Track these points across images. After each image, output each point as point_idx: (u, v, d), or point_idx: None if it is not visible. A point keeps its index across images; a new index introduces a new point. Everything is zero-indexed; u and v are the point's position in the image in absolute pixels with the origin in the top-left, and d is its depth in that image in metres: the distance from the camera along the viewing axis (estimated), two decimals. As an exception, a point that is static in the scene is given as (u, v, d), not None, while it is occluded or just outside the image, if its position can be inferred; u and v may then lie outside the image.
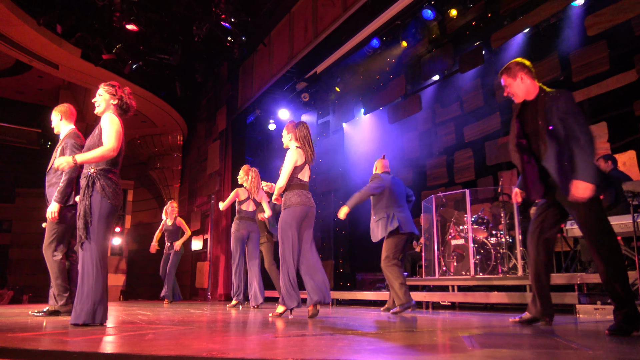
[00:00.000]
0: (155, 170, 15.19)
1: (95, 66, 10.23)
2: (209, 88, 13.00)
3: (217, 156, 11.82)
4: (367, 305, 7.61)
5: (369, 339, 2.50)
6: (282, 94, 10.77)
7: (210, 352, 1.91)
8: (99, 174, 3.33)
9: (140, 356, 1.90)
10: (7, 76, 13.48)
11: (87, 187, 3.30)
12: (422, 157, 10.16)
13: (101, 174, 3.33)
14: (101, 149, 3.29)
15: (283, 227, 4.23)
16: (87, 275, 3.21)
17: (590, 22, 6.95)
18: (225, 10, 8.91)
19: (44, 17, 8.82)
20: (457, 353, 1.99)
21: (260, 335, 2.69)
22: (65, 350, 2.01)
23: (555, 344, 2.33)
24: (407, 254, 8.43)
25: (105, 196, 3.29)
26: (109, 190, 3.31)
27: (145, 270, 15.57)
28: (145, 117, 13.47)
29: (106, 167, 3.35)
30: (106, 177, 3.34)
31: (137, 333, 2.78)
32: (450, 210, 7.76)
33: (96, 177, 3.32)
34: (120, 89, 3.54)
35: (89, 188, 3.30)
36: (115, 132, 3.35)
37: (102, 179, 3.32)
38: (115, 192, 3.35)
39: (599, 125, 6.90)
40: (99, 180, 3.31)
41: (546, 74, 7.60)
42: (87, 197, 3.29)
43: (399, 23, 8.34)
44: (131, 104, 3.59)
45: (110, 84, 3.53)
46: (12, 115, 15.77)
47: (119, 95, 3.51)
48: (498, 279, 5.97)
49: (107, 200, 3.29)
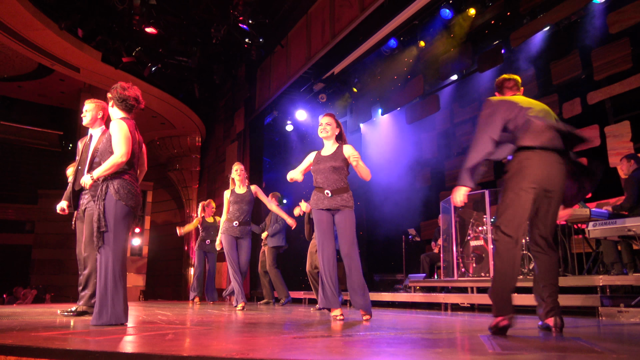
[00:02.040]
0: (174, 172, 15.36)
1: (116, 69, 10.38)
2: (226, 90, 13.09)
3: (235, 157, 11.88)
4: (384, 306, 7.57)
5: (388, 340, 2.48)
6: (299, 95, 10.78)
7: (230, 353, 1.92)
8: (113, 176, 3.35)
9: (161, 356, 1.92)
10: (30, 79, 13.76)
11: (101, 191, 3.33)
12: (441, 158, 10.09)
13: (115, 176, 3.35)
14: (112, 158, 3.31)
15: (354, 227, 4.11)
16: (106, 278, 3.24)
17: (612, 20, 6.82)
18: (243, 12, 8.96)
19: (65, 21, 8.98)
20: (477, 355, 1.97)
21: (279, 336, 2.70)
22: (87, 350, 2.04)
23: (579, 347, 2.29)
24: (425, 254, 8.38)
25: (119, 198, 3.30)
26: (123, 192, 3.32)
27: (164, 271, 15.74)
28: (164, 119, 13.62)
29: (120, 168, 3.37)
30: (121, 179, 3.35)
31: (158, 333, 2.80)
32: (469, 210, 7.69)
33: (110, 180, 3.34)
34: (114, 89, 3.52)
35: (102, 191, 3.33)
36: (123, 137, 3.34)
37: (116, 181, 3.33)
38: (130, 193, 3.35)
39: (622, 124, 6.77)
40: (112, 183, 3.33)
41: (567, 73, 7.49)
42: (101, 201, 3.31)
43: (416, 23, 8.30)
44: (130, 94, 3.50)
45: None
46: (34, 117, 16.09)
47: (114, 96, 3.50)
48: (518, 280, 5.89)
49: (122, 202, 3.30)
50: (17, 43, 9.79)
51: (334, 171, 4.04)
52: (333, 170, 4.04)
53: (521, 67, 8.37)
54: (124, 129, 3.39)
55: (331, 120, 4.20)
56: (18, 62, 12.61)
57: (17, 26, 9.14)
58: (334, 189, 4.04)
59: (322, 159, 4.13)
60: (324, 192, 4.05)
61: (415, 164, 10.58)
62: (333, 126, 4.19)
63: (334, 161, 4.05)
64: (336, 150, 4.14)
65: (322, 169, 4.09)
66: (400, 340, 2.53)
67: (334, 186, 4.04)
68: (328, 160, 4.09)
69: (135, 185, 3.44)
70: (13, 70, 13.26)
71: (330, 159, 4.09)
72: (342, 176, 4.07)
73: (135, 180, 3.45)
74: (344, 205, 4.01)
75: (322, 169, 4.09)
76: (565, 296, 4.88)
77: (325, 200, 4.05)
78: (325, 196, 4.05)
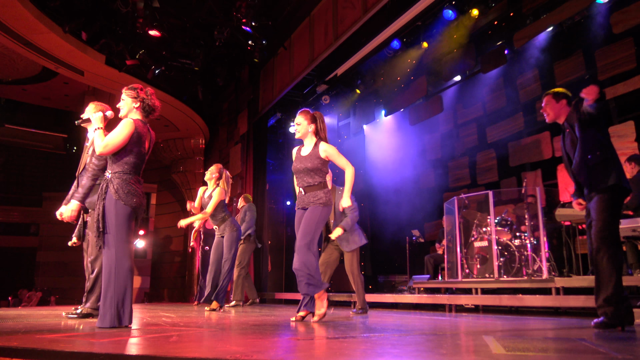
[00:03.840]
0: (177, 174, 15.38)
1: (120, 72, 10.41)
2: (230, 92, 13.11)
3: (238, 159, 11.90)
4: (388, 307, 7.56)
5: (392, 342, 2.48)
6: (302, 96, 10.80)
7: (234, 355, 1.92)
8: (114, 176, 3.35)
9: (165, 358, 1.92)
10: (34, 83, 13.81)
11: (101, 191, 3.34)
12: (444, 159, 10.08)
13: (116, 176, 3.35)
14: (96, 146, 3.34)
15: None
16: (110, 280, 3.24)
17: (616, 19, 6.80)
18: (246, 14, 8.97)
19: (69, 24, 9.01)
20: (481, 357, 1.96)
21: (282, 338, 2.70)
22: (92, 352, 2.05)
23: (584, 349, 2.28)
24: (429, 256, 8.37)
25: (119, 198, 3.29)
26: (123, 192, 3.30)
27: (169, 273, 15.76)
28: (168, 122, 13.64)
29: (121, 169, 3.37)
30: (121, 179, 3.34)
31: (162, 335, 2.81)
32: (473, 212, 7.67)
33: (110, 181, 3.34)
34: (143, 90, 3.55)
35: (102, 191, 3.34)
36: (118, 135, 3.33)
37: (116, 181, 3.32)
38: (130, 193, 3.33)
39: (626, 125, 6.75)
40: (112, 183, 3.32)
41: (571, 73, 7.47)
42: (101, 201, 3.32)
43: (419, 24, 8.30)
44: (154, 104, 3.57)
45: (133, 87, 3.54)
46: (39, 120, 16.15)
47: (141, 98, 3.52)
48: (522, 281, 5.88)
49: (121, 202, 3.29)
50: (21, 46, 9.82)
51: (308, 172, 4.07)
52: (307, 171, 4.07)
53: (524, 68, 8.36)
54: (125, 130, 3.37)
55: (301, 119, 4.16)
56: (22, 65, 12.65)
57: (21, 29, 9.17)
58: (305, 186, 4.09)
59: (299, 159, 4.15)
60: (299, 190, 4.13)
61: (419, 165, 10.57)
62: (304, 124, 4.15)
63: (309, 162, 4.06)
64: (312, 149, 4.11)
65: (298, 168, 4.13)
66: (405, 341, 2.53)
67: (307, 184, 4.08)
68: (304, 161, 4.10)
69: (137, 186, 3.41)
70: (17, 74, 13.31)
71: (306, 159, 4.09)
72: (318, 176, 4.08)
73: (137, 182, 3.43)
74: (312, 201, 4.02)
75: (298, 169, 4.13)
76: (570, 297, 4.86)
77: (300, 198, 4.13)
78: (300, 194, 4.12)
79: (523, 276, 6.35)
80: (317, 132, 4.18)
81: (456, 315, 5.41)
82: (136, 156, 3.43)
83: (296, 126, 4.18)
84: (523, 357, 1.92)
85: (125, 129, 3.37)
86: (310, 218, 3.99)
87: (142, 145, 3.47)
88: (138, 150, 3.43)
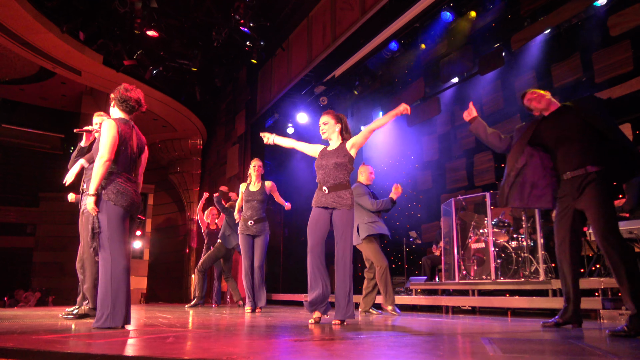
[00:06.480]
0: (175, 174, 15.37)
1: (117, 72, 10.40)
2: (228, 92, 13.11)
3: (236, 160, 11.89)
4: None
5: (389, 343, 2.48)
6: (300, 97, 10.79)
7: (230, 356, 1.92)
8: (106, 178, 3.33)
9: (162, 359, 1.92)
10: (32, 82, 13.79)
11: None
12: (442, 160, 10.09)
13: (107, 177, 3.34)
14: (96, 163, 3.30)
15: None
16: (106, 280, 3.24)
17: (613, 22, 6.82)
18: (244, 15, 8.97)
19: (67, 24, 9.00)
20: (478, 359, 1.97)
21: (279, 339, 2.70)
22: (88, 353, 2.04)
23: (580, 350, 2.29)
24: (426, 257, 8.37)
25: (109, 199, 3.28)
26: (112, 193, 3.29)
27: (166, 274, 15.74)
28: (166, 122, 13.64)
29: (111, 170, 3.36)
30: (109, 180, 3.33)
31: (159, 336, 2.80)
32: (470, 213, 7.69)
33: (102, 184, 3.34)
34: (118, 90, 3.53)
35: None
36: (108, 139, 3.32)
37: (105, 183, 3.32)
38: (120, 193, 3.32)
39: (623, 127, 6.76)
40: (101, 185, 3.31)
41: (568, 75, 7.48)
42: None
43: (417, 26, 8.30)
44: (129, 95, 3.51)
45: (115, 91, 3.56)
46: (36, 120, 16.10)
47: (116, 96, 3.51)
48: (519, 283, 5.89)
49: (111, 203, 3.29)
50: (18, 46, 9.81)
51: (336, 167, 3.98)
52: (335, 166, 3.98)
53: (522, 70, 8.38)
54: (111, 131, 3.35)
55: (327, 119, 4.17)
56: (20, 65, 12.64)
57: (18, 29, 9.16)
58: (331, 185, 3.98)
59: (327, 154, 4.08)
60: (322, 188, 4.01)
61: (416, 167, 10.58)
62: (331, 123, 4.15)
63: (337, 157, 4.00)
64: (340, 145, 4.10)
65: (324, 164, 4.03)
66: (401, 343, 2.53)
67: (332, 182, 3.98)
68: (331, 156, 4.03)
69: (127, 186, 3.39)
70: (15, 73, 13.29)
71: (333, 154, 4.04)
72: (343, 173, 4.01)
73: (126, 181, 3.40)
74: (341, 203, 3.94)
75: (324, 165, 4.03)
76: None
77: (322, 197, 4.00)
78: (323, 193, 4.00)
79: (520, 278, 6.36)
80: (342, 131, 4.19)
81: (453, 317, 5.42)
82: (122, 154, 3.41)
83: (322, 126, 4.15)
84: (520, 359, 1.92)
85: (110, 130, 3.36)
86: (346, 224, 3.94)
87: (126, 144, 3.44)
88: (123, 149, 3.41)
